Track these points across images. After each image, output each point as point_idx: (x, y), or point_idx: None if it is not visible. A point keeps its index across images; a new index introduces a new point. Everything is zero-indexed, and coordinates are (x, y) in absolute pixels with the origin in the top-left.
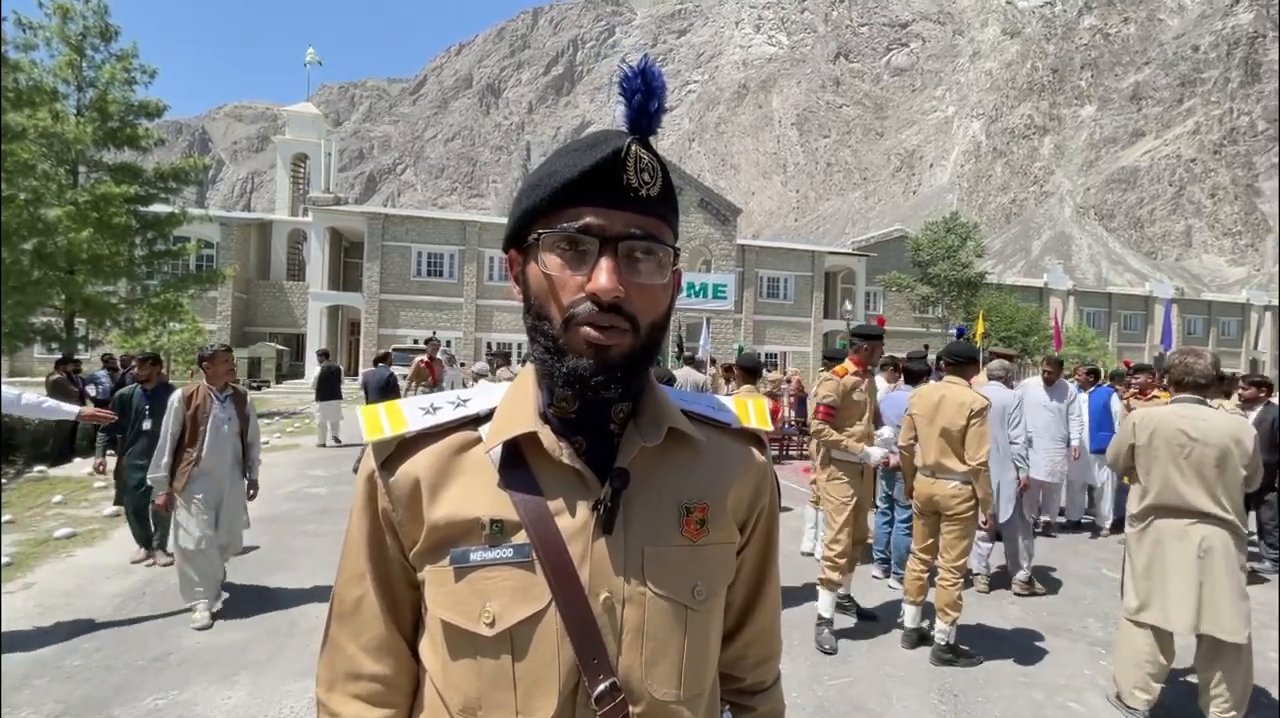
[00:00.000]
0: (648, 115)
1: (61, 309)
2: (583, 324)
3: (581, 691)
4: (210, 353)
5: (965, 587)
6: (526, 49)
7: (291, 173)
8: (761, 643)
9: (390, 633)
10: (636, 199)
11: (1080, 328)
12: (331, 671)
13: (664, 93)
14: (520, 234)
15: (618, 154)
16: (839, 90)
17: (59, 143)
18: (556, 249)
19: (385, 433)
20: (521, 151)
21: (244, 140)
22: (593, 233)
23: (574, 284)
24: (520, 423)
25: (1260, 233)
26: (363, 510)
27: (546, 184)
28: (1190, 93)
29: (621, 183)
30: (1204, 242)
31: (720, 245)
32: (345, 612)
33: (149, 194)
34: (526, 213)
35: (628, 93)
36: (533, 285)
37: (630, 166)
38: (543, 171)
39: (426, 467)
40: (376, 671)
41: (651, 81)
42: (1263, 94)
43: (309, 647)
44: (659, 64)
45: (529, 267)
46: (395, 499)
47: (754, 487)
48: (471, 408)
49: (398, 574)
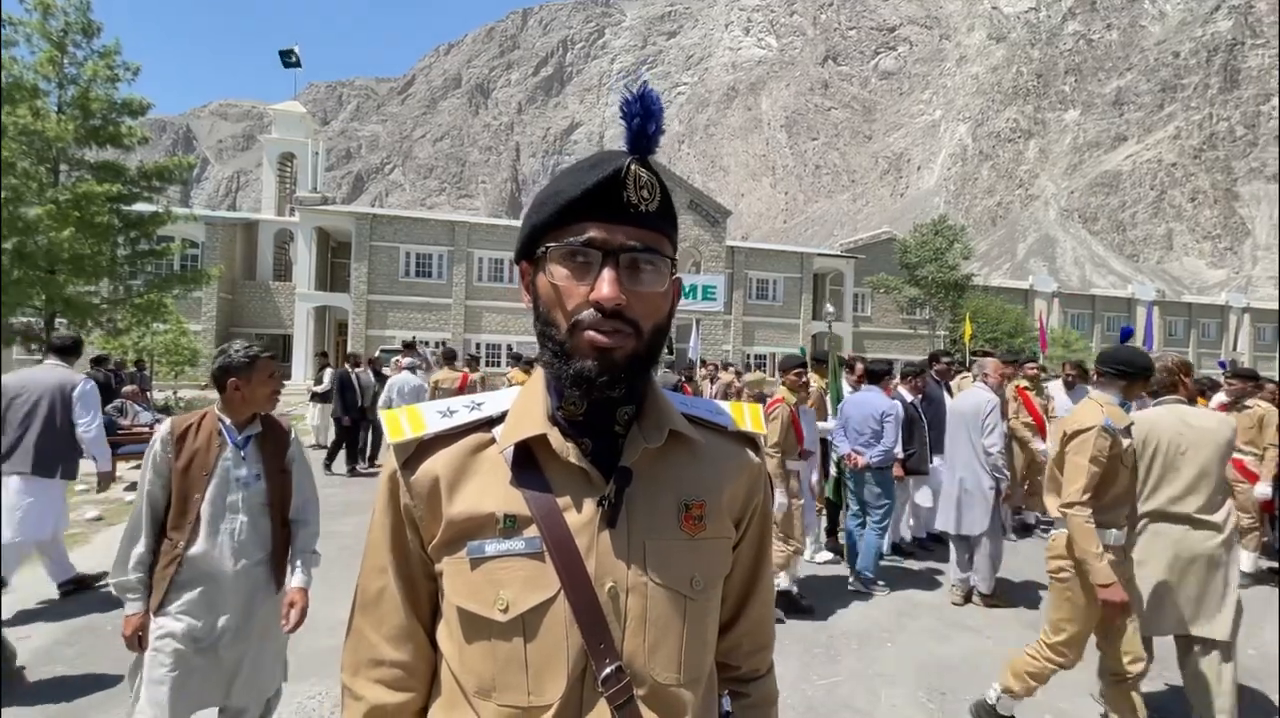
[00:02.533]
0: (646, 137)
1: (42, 309)
2: (587, 329)
3: (589, 673)
4: (243, 359)
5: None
6: (516, 49)
7: (278, 172)
8: (756, 633)
9: (410, 622)
10: (636, 214)
11: (1065, 330)
12: (355, 657)
13: (661, 115)
14: (530, 248)
15: (618, 173)
16: (827, 93)
17: (39, 140)
18: (563, 261)
19: (406, 435)
20: (510, 152)
21: (229, 139)
22: (596, 246)
23: (579, 293)
24: (531, 425)
25: (1239, 236)
26: (385, 508)
27: (553, 201)
28: (1171, 98)
29: (622, 200)
30: (1184, 245)
31: (710, 247)
32: (368, 602)
33: (132, 193)
34: (535, 228)
35: (628, 116)
36: (541, 295)
37: (630, 185)
38: (550, 190)
39: (445, 466)
40: (397, 657)
41: (650, 105)
42: (1241, 100)
43: (305, 647)
44: (648, 66)
45: (538, 278)
46: (416, 496)
47: (748, 486)
48: (485, 411)
49: (417, 567)
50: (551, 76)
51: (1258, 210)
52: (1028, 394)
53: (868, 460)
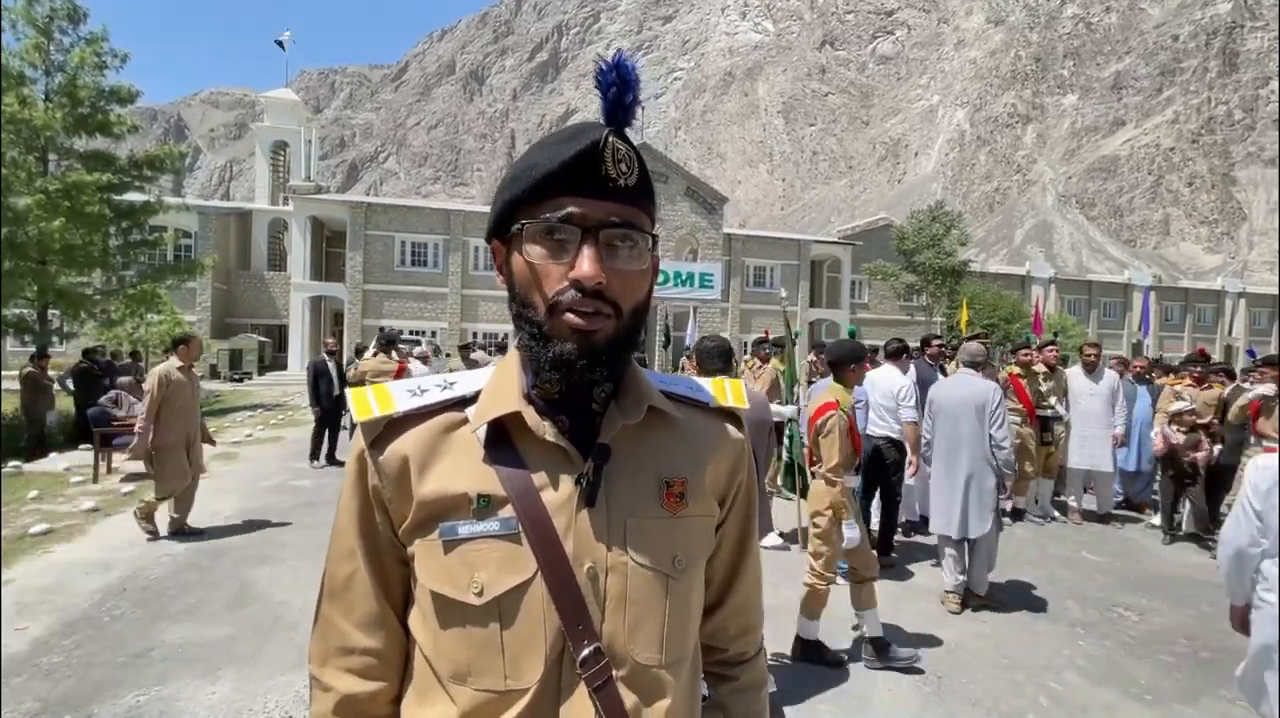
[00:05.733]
0: (623, 108)
1: (34, 301)
2: (566, 311)
3: (567, 656)
4: None
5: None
6: (510, 35)
7: (271, 161)
8: (742, 615)
9: (381, 608)
10: (615, 189)
11: (1061, 315)
12: (324, 646)
13: (638, 85)
14: (503, 225)
15: (595, 146)
16: (825, 78)
17: (27, 129)
18: (539, 239)
19: (374, 414)
20: (506, 139)
21: (221, 128)
22: (574, 222)
23: (557, 272)
24: (505, 403)
25: (1236, 221)
26: (353, 489)
27: (528, 176)
28: (1169, 82)
29: (600, 173)
30: (1181, 230)
31: (707, 234)
32: (336, 589)
33: (123, 182)
34: (509, 204)
35: (603, 86)
36: (517, 274)
37: (608, 158)
38: (524, 164)
39: (415, 445)
40: (369, 645)
41: (626, 75)
42: (1240, 83)
43: (293, 641)
44: (644, 51)
45: (513, 256)
46: (385, 477)
47: (731, 462)
48: (458, 390)
49: (387, 551)
50: (546, 63)
51: (1255, 195)
52: (1020, 382)
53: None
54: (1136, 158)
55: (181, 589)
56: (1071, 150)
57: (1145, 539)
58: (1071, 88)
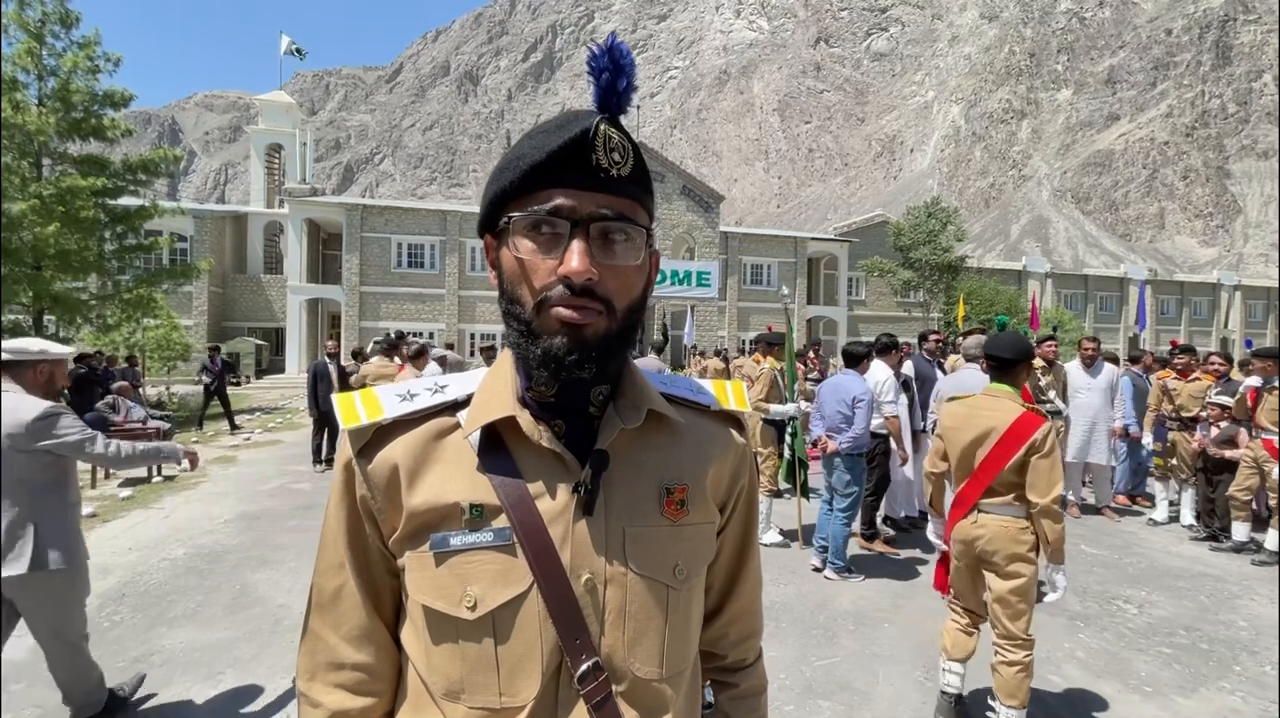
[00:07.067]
0: (616, 94)
1: (29, 306)
2: (555, 306)
3: (564, 671)
4: None
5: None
6: (505, 35)
7: (266, 164)
8: (743, 621)
9: (371, 622)
10: (608, 179)
11: (1058, 310)
12: (312, 661)
13: (633, 70)
14: (492, 219)
15: (586, 134)
16: (820, 76)
17: (20, 134)
18: (528, 233)
19: (361, 421)
20: (501, 140)
21: (216, 131)
22: (563, 215)
23: (546, 268)
24: (498, 407)
25: (1230, 214)
26: (340, 499)
27: (516, 167)
28: (1163, 76)
29: (591, 163)
30: (1176, 223)
31: (703, 233)
32: (325, 602)
33: (118, 187)
34: (497, 197)
35: (595, 71)
36: (506, 270)
37: (600, 147)
38: (512, 154)
39: (404, 453)
40: (359, 659)
41: (620, 60)
42: (1233, 77)
43: (294, 643)
44: (639, 50)
45: (502, 252)
46: (373, 487)
47: (733, 467)
48: (449, 394)
49: (377, 562)
50: (541, 63)
51: (1249, 188)
52: None
53: (838, 446)
54: (1131, 152)
55: (181, 594)
56: (1066, 145)
57: (1143, 532)
58: (1065, 83)
